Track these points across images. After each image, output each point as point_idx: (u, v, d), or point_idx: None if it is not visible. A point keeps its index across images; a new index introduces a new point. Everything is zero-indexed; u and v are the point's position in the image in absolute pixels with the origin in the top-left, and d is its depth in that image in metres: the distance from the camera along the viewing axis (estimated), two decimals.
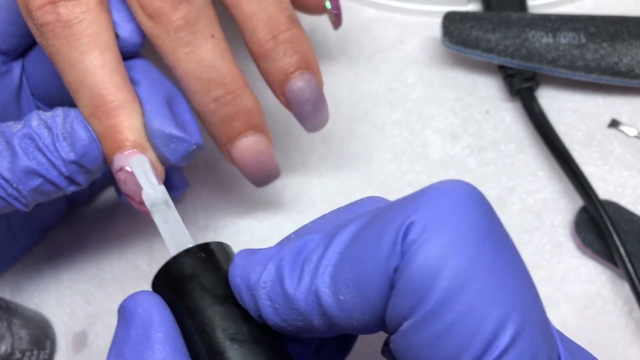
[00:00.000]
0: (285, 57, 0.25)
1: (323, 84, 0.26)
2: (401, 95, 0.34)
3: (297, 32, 0.25)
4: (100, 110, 0.22)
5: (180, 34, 0.23)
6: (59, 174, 0.22)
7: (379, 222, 0.16)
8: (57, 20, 0.22)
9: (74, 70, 0.22)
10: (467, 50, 0.32)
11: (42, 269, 0.32)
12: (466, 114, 0.33)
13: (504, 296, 0.15)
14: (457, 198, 0.16)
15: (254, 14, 0.24)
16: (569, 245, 0.30)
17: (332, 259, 0.17)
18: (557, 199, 0.31)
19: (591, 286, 0.29)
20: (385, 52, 0.36)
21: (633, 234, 0.29)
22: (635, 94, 0.33)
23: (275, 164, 0.27)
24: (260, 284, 0.18)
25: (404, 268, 0.15)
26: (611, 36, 0.32)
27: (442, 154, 0.33)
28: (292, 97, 0.25)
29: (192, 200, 0.33)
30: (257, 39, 0.24)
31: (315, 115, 0.26)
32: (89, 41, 0.22)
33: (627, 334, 0.28)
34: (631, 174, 0.31)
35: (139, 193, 0.22)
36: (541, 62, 0.32)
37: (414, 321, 0.15)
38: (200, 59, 0.23)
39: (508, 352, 0.15)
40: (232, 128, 0.25)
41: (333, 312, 0.17)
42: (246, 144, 0.25)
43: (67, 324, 0.31)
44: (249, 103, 0.25)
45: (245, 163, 0.26)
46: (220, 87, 0.24)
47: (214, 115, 0.24)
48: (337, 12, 0.29)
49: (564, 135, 0.31)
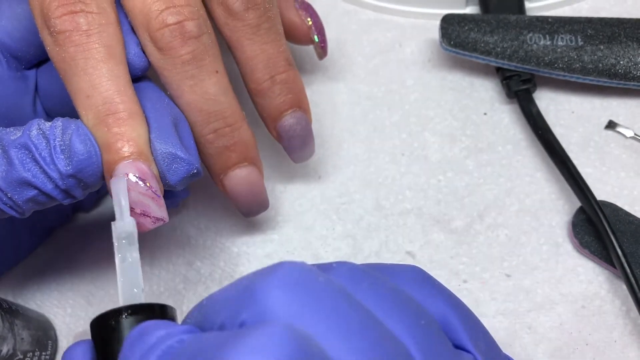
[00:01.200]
0: (280, 96, 0.27)
1: (311, 122, 0.28)
2: (400, 97, 0.35)
3: (292, 74, 0.27)
4: (111, 117, 0.22)
5: (186, 68, 0.24)
6: (55, 186, 0.22)
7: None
8: (76, 29, 0.22)
9: (88, 76, 0.22)
10: (465, 52, 0.33)
11: (44, 270, 0.32)
12: (464, 116, 0.34)
13: None
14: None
15: (255, 55, 0.26)
16: (566, 246, 0.30)
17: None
18: (555, 200, 0.31)
19: (589, 287, 0.29)
20: (384, 54, 0.36)
21: (630, 234, 0.29)
22: (632, 96, 0.33)
23: (265, 196, 0.29)
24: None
25: None
26: (608, 38, 0.32)
27: (440, 155, 0.33)
28: (284, 132, 0.28)
29: (192, 202, 0.33)
30: (256, 78, 0.26)
31: (303, 150, 0.29)
32: (106, 51, 0.22)
33: (625, 334, 0.28)
34: (628, 175, 0.31)
35: (142, 203, 0.22)
36: (539, 64, 0.32)
37: None
38: (203, 92, 0.24)
39: None
40: (227, 159, 0.26)
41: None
42: (240, 174, 0.27)
43: (68, 324, 0.31)
44: (245, 136, 0.26)
45: (237, 192, 0.27)
46: (220, 120, 0.25)
47: (212, 145, 0.26)
48: (324, 45, 0.31)
49: (561, 136, 0.32)
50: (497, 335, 0.28)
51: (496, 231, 0.31)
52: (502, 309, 0.29)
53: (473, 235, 0.31)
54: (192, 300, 0.31)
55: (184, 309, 0.31)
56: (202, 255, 0.32)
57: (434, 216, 0.31)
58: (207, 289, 0.31)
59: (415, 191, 0.32)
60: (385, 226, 0.31)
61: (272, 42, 0.26)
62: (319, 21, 0.31)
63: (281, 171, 0.33)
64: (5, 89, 0.26)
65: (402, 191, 0.32)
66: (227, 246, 0.32)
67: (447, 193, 0.32)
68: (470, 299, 0.29)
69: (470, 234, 0.31)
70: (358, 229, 0.32)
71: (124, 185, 0.22)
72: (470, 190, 0.32)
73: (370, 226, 0.32)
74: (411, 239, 0.31)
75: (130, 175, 0.22)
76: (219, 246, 0.32)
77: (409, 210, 0.32)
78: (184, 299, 0.31)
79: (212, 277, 0.31)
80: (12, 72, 0.26)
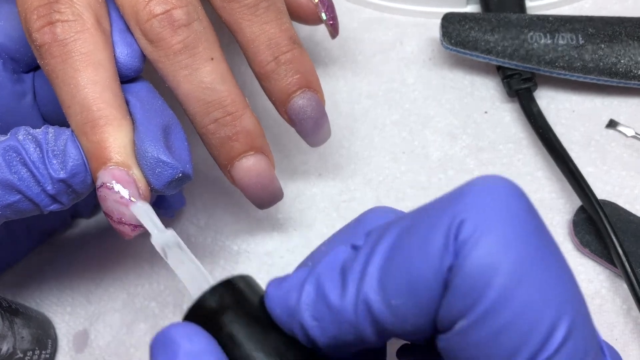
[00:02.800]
0: (286, 77, 0.26)
1: (324, 102, 0.27)
2: (400, 95, 0.35)
3: (298, 52, 0.26)
4: (88, 125, 0.22)
5: (179, 58, 0.23)
6: (41, 191, 0.22)
7: (425, 223, 0.16)
8: (54, 40, 0.22)
9: (67, 87, 0.22)
10: (466, 51, 0.33)
11: (44, 268, 0.32)
12: (465, 115, 0.34)
13: (558, 291, 0.15)
14: (503, 195, 0.16)
15: (255, 37, 0.25)
16: (567, 245, 0.30)
17: (377, 264, 0.16)
18: (555, 199, 0.31)
19: (589, 285, 0.29)
20: (385, 52, 0.36)
21: (631, 233, 0.29)
22: (633, 95, 0.33)
23: (277, 186, 0.27)
24: (303, 307, 0.17)
25: (459, 267, 0.15)
26: (609, 37, 0.32)
27: (441, 154, 0.33)
28: (294, 115, 0.26)
29: (193, 200, 0.33)
30: (259, 60, 0.25)
31: (317, 132, 0.27)
32: (82, 59, 0.22)
33: (626, 332, 0.28)
34: (629, 173, 0.31)
35: (118, 211, 0.22)
36: (539, 63, 0.32)
37: (471, 320, 0.15)
38: (199, 81, 0.24)
39: (564, 347, 0.15)
40: (231, 149, 0.25)
41: (385, 318, 0.16)
42: (246, 164, 0.25)
43: (68, 323, 0.31)
44: (248, 124, 0.25)
45: (245, 184, 0.26)
46: (220, 109, 0.24)
47: (214, 136, 0.25)
48: (333, 22, 0.30)
49: (562, 135, 0.32)
50: None
51: None
52: None
53: None
54: (192, 298, 0.31)
55: (184, 307, 0.31)
56: (202, 254, 0.32)
57: None
58: None
59: (415, 189, 0.32)
60: None
61: (272, 22, 0.25)
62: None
63: (281, 169, 0.33)
64: (0, 90, 0.26)
65: (402, 189, 0.32)
66: (227, 244, 0.32)
67: (447, 191, 0.32)
68: None
69: None
70: None
71: (143, 208, 0.22)
72: None
73: None
74: None
75: (107, 183, 0.22)
76: (219, 244, 0.32)
77: (409, 208, 0.32)
78: (184, 297, 0.31)
79: (213, 275, 0.31)
80: (8, 73, 0.26)
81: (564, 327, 0.15)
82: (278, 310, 0.18)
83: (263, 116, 0.33)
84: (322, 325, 0.17)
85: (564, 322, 0.15)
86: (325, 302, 0.17)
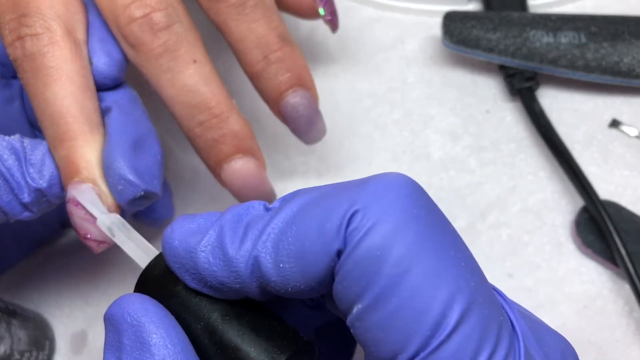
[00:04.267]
0: (277, 76, 0.25)
1: (318, 99, 0.27)
2: (402, 95, 0.34)
3: (288, 50, 0.25)
4: (57, 140, 0.22)
5: (161, 61, 0.23)
6: (14, 199, 0.22)
7: (328, 204, 0.17)
8: (24, 55, 0.22)
9: (37, 101, 0.22)
10: (468, 49, 0.32)
11: (42, 269, 0.32)
12: (466, 114, 0.33)
13: (448, 278, 0.16)
14: (398, 189, 0.17)
15: (244, 37, 0.25)
16: (569, 246, 0.30)
17: (277, 227, 0.17)
18: (558, 199, 0.31)
19: (591, 286, 0.29)
20: (386, 51, 0.35)
21: (634, 233, 0.29)
22: (635, 94, 0.33)
23: (268, 188, 0.26)
24: (201, 248, 0.18)
25: (349, 254, 0.16)
26: (612, 36, 0.32)
27: (442, 153, 0.33)
28: (287, 114, 0.26)
29: (193, 201, 0.33)
30: (249, 60, 0.25)
31: (311, 130, 0.27)
32: (50, 73, 0.22)
33: (628, 334, 0.28)
34: (632, 173, 0.31)
35: (82, 227, 0.22)
36: (542, 61, 0.32)
37: (364, 305, 0.16)
38: (182, 84, 0.24)
39: (458, 329, 0.16)
40: (219, 152, 0.25)
41: (270, 277, 0.17)
42: (234, 167, 0.25)
43: (66, 324, 0.31)
44: (235, 126, 0.25)
45: (235, 186, 0.25)
46: (204, 112, 0.24)
47: (201, 139, 0.25)
48: (332, 17, 0.29)
49: (564, 135, 0.31)
50: None
51: (498, 230, 0.31)
52: None
53: (475, 235, 0.31)
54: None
55: None
56: None
57: None
58: None
59: None
60: None
61: (260, 20, 0.25)
62: None
63: (282, 169, 0.33)
64: None
65: None
66: None
67: (449, 191, 0.32)
68: None
69: (473, 233, 0.31)
70: None
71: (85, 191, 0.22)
72: (472, 189, 0.32)
73: None
74: None
75: (72, 199, 0.22)
76: None
77: None
78: None
79: None
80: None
81: (458, 308, 0.16)
82: (176, 243, 0.19)
83: (262, 116, 0.32)
84: (213, 270, 0.18)
85: (458, 303, 0.16)
86: (222, 250, 0.18)
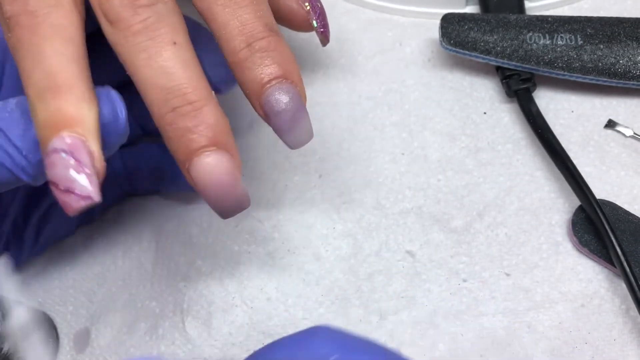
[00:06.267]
0: (260, 66, 0.23)
1: (305, 96, 0.24)
2: (400, 96, 0.35)
3: (274, 40, 0.23)
4: (49, 92, 0.21)
5: (138, 39, 0.22)
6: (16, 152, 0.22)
7: None
8: (24, 11, 0.21)
9: (31, 55, 0.21)
10: (465, 51, 0.33)
11: (47, 267, 0.33)
12: (464, 115, 0.34)
13: None
14: None
15: (227, 22, 0.23)
16: (566, 245, 0.30)
17: None
18: (554, 198, 0.31)
19: (588, 285, 0.29)
20: (384, 53, 0.36)
21: (629, 233, 0.29)
22: (631, 95, 0.33)
23: (240, 191, 0.23)
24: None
25: None
26: (608, 37, 0.32)
27: (440, 155, 0.33)
28: (269, 108, 0.23)
29: (195, 202, 0.33)
30: (232, 47, 0.23)
31: (295, 129, 0.24)
32: (53, 31, 0.21)
33: (625, 333, 0.28)
34: (627, 173, 0.31)
35: (67, 177, 0.21)
36: (538, 63, 0.32)
37: None
38: (158, 66, 0.22)
39: None
40: (190, 142, 0.22)
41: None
42: (205, 161, 0.22)
43: (70, 322, 0.31)
44: (211, 117, 0.22)
45: (204, 184, 0.23)
46: (179, 97, 0.22)
47: (171, 127, 0.22)
48: (324, 30, 0.29)
49: (561, 135, 0.32)
50: (496, 334, 0.29)
51: (496, 230, 0.31)
52: (502, 308, 0.29)
53: (473, 235, 0.31)
54: (192, 298, 0.31)
55: (184, 307, 0.31)
56: (204, 254, 0.32)
57: (434, 215, 0.32)
58: (207, 287, 0.31)
59: (415, 190, 0.32)
60: (385, 225, 0.32)
61: (247, 7, 0.23)
62: (317, 5, 0.28)
63: (282, 170, 0.33)
64: None
65: (402, 190, 0.32)
66: (229, 245, 0.32)
67: (446, 192, 0.32)
68: (470, 298, 0.30)
69: (470, 233, 0.31)
70: (358, 228, 0.32)
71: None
72: (470, 190, 0.32)
73: (371, 225, 0.32)
74: (411, 239, 0.31)
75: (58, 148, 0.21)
76: (220, 244, 0.32)
77: (408, 209, 0.32)
78: (184, 297, 0.31)
79: (213, 276, 0.31)
80: None
81: None
82: None
83: None
84: None
85: None
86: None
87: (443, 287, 0.30)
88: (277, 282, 0.31)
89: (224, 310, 0.30)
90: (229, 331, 0.30)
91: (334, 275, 0.31)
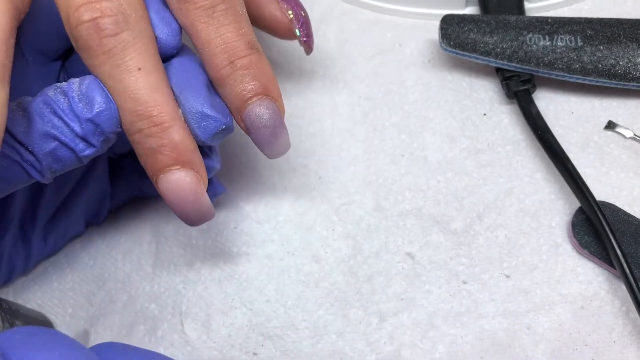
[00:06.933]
0: (242, 83, 0.25)
1: (284, 111, 0.26)
2: (399, 97, 0.35)
3: (256, 58, 0.25)
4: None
5: (104, 67, 0.23)
6: (74, 135, 0.23)
7: None
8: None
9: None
10: (465, 53, 0.33)
11: (46, 269, 0.33)
12: (464, 117, 0.34)
13: None
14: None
15: (210, 40, 0.24)
16: (565, 247, 0.30)
17: None
18: (554, 200, 0.31)
19: (588, 287, 0.29)
20: (384, 54, 0.36)
21: (629, 235, 0.29)
22: (631, 96, 0.33)
23: (204, 204, 0.25)
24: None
25: None
26: (608, 39, 0.32)
27: (440, 156, 0.33)
28: (250, 123, 0.25)
29: None
30: (215, 64, 0.25)
31: (274, 142, 0.26)
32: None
33: (624, 334, 0.28)
34: (627, 175, 0.31)
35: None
36: (538, 64, 0.32)
37: None
38: (124, 91, 0.23)
39: None
40: (156, 161, 0.24)
41: None
42: (170, 178, 0.24)
43: (69, 324, 0.31)
44: (176, 137, 0.24)
45: (169, 199, 0.25)
46: (145, 120, 0.24)
47: (139, 146, 0.24)
48: (307, 39, 0.30)
49: (561, 137, 0.32)
50: (496, 336, 0.29)
51: (496, 232, 0.31)
52: (502, 310, 0.29)
53: (472, 236, 0.31)
54: (191, 300, 0.31)
55: (183, 309, 0.31)
56: (203, 256, 0.32)
57: (434, 217, 0.32)
58: (206, 288, 0.31)
59: (414, 192, 0.32)
60: (385, 227, 0.32)
61: (230, 25, 0.24)
62: (301, 14, 0.29)
63: (281, 171, 0.33)
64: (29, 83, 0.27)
65: (401, 192, 0.32)
66: (228, 246, 0.32)
67: (446, 194, 0.32)
68: (470, 299, 0.29)
69: (470, 234, 0.31)
70: (358, 229, 0.32)
71: None
72: (469, 191, 0.32)
73: (370, 227, 0.32)
74: (411, 240, 0.31)
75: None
76: (220, 246, 0.32)
77: (408, 211, 0.32)
78: (183, 299, 0.31)
79: (212, 277, 0.31)
80: (38, 67, 0.26)
81: None
82: None
83: None
84: None
85: None
86: None
87: (443, 288, 0.30)
88: (277, 283, 0.31)
89: (223, 312, 0.30)
90: (228, 333, 0.30)
91: (333, 277, 0.31)
